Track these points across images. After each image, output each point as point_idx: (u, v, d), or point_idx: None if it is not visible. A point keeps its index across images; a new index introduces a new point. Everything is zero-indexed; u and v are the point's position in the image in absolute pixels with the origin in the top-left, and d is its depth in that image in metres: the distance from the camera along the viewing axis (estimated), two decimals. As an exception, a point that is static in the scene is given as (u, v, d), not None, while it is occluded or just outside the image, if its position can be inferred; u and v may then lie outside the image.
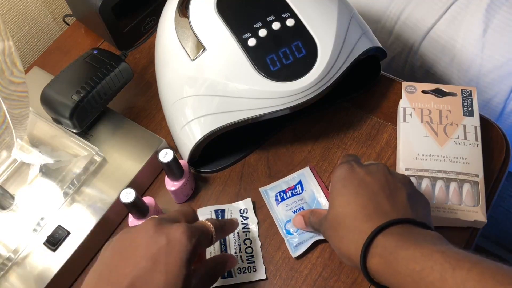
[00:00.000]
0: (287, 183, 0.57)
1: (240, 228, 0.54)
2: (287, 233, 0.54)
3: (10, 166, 0.58)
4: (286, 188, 0.56)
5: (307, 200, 0.55)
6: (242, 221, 0.55)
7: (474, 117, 0.56)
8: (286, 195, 0.55)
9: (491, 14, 0.70)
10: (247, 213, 0.56)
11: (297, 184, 0.56)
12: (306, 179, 0.56)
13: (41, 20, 0.79)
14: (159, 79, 0.59)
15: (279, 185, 0.57)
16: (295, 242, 0.53)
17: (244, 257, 0.53)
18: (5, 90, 0.48)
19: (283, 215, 0.54)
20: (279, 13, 0.53)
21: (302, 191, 0.56)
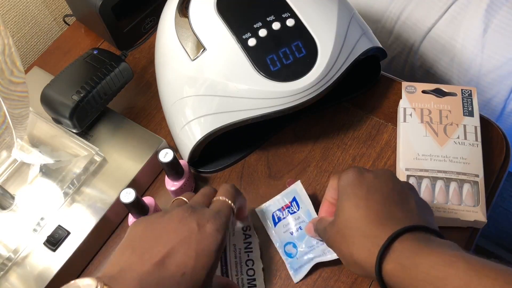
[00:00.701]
0: (283, 199, 0.55)
1: (242, 248, 0.53)
2: (287, 256, 0.52)
3: (10, 166, 0.58)
4: (282, 206, 0.55)
5: (304, 219, 0.53)
6: (245, 240, 0.54)
7: (474, 117, 0.56)
8: (282, 214, 0.54)
9: (491, 14, 0.70)
10: (250, 231, 0.54)
11: (292, 201, 0.54)
12: (299, 196, 0.55)
13: (41, 20, 0.79)
14: (159, 79, 0.59)
15: (276, 202, 0.55)
16: (295, 266, 0.52)
17: (245, 280, 0.52)
18: (5, 90, 0.48)
19: (280, 237, 0.53)
20: (279, 13, 0.53)
21: (298, 209, 0.54)
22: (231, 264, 0.52)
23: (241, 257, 0.53)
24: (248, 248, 0.53)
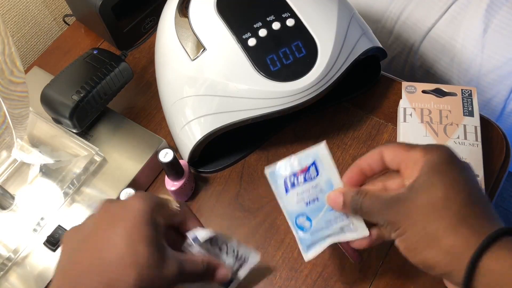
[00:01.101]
0: (299, 162, 0.45)
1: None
2: (298, 228, 0.45)
3: (10, 166, 0.58)
4: (298, 170, 0.45)
5: (323, 188, 0.45)
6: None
7: (474, 117, 0.56)
8: (297, 180, 0.45)
9: (491, 14, 0.70)
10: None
11: (312, 165, 0.45)
12: (321, 161, 0.45)
13: (41, 20, 0.79)
14: (159, 79, 0.59)
15: (290, 164, 0.45)
16: (306, 242, 0.44)
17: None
18: (5, 90, 0.48)
19: (294, 207, 0.45)
20: (279, 13, 0.53)
21: (317, 175, 0.45)
22: None
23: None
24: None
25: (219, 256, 0.46)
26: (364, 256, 0.53)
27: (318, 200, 0.44)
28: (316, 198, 0.45)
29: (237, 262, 0.47)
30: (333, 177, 0.44)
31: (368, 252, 0.53)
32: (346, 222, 0.44)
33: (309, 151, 0.45)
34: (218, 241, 0.46)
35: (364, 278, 0.52)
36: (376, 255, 0.53)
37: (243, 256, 0.47)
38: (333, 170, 0.45)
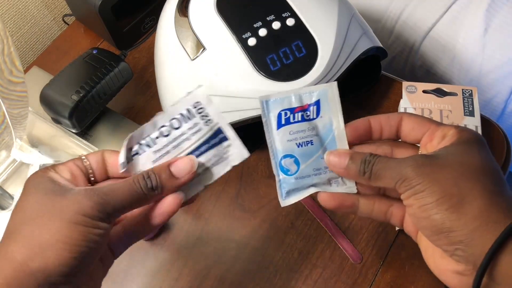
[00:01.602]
0: (300, 98, 0.40)
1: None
2: (281, 171, 0.39)
3: (10, 166, 0.58)
4: (296, 107, 0.40)
5: (320, 131, 0.40)
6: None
7: (475, 117, 0.56)
8: (293, 117, 0.39)
9: (491, 14, 0.70)
10: (203, 109, 0.38)
11: (313, 104, 0.40)
12: (326, 101, 0.40)
13: (41, 20, 0.79)
14: (158, 79, 0.59)
15: (288, 99, 0.40)
16: (288, 186, 0.39)
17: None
18: (4, 89, 0.48)
19: (281, 145, 0.39)
20: (279, 13, 0.53)
21: (317, 116, 0.40)
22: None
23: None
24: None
25: (178, 140, 0.37)
26: (365, 256, 0.53)
27: (312, 144, 0.39)
28: (310, 141, 0.40)
29: (197, 118, 0.38)
30: (335, 123, 0.40)
31: (368, 253, 0.53)
32: (334, 174, 0.39)
33: (315, 88, 0.40)
34: (152, 136, 0.37)
35: (364, 278, 0.51)
36: (376, 256, 0.53)
37: (192, 107, 0.38)
38: (338, 115, 0.40)
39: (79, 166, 0.36)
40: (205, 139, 0.37)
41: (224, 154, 0.38)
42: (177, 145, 0.37)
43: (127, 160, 0.36)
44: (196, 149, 0.37)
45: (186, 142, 0.37)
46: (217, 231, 0.56)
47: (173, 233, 0.57)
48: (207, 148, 0.37)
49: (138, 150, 0.37)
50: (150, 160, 0.37)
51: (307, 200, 0.56)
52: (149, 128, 0.37)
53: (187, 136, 0.37)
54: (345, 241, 0.54)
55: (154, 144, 0.37)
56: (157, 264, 0.55)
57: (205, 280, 0.53)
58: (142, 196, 0.34)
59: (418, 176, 0.32)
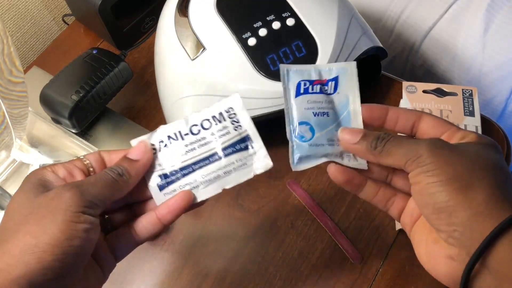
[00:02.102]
0: (319, 73, 0.41)
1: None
2: (297, 138, 0.40)
3: (9, 166, 0.58)
4: (315, 80, 0.40)
5: (336, 106, 0.40)
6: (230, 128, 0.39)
7: (475, 117, 0.56)
8: (312, 87, 0.40)
9: (492, 13, 0.70)
10: (235, 115, 0.39)
11: (332, 80, 0.41)
12: (345, 79, 0.41)
13: (40, 20, 0.79)
14: (158, 79, 0.59)
15: (308, 72, 0.41)
16: (301, 152, 0.39)
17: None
18: (4, 89, 0.48)
19: (298, 112, 0.40)
20: (279, 13, 0.53)
21: (334, 91, 0.40)
22: None
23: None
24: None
25: (205, 139, 0.38)
26: (365, 256, 0.53)
27: (328, 116, 0.40)
28: (326, 113, 0.40)
29: (226, 121, 0.39)
30: (351, 100, 0.40)
31: (368, 253, 0.53)
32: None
33: (335, 65, 0.41)
34: (182, 132, 0.38)
35: (365, 278, 0.51)
36: (376, 256, 0.53)
37: (224, 110, 0.39)
38: (355, 93, 0.40)
39: (77, 165, 0.36)
40: (231, 143, 0.38)
41: (248, 161, 0.38)
42: (203, 144, 0.38)
43: (155, 150, 0.38)
44: (222, 149, 0.38)
45: (213, 142, 0.38)
46: (217, 231, 0.56)
47: (173, 233, 0.57)
48: (232, 152, 0.38)
49: (166, 143, 0.38)
50: (177, 153, 0.38)
51: (307, 200, 0.56)
52: (181, 124, 0.38)
53: (215, 137, 0.38)
54: (345, 241, 0.54)
55: (182, 139, 0.38)
56: (157, 264, 0.55)
57: (205, 280, 0.53)
58: (114, 183, 0.34)
59: (432, 156, 0.32)
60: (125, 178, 0.35)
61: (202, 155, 0.38)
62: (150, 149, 0.37)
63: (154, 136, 0.38)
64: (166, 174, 0.37)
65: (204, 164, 0.38)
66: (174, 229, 0.57)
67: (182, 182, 0.37)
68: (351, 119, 0.40)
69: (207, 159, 0.38)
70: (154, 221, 0.36)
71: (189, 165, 0.38)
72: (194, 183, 0.37)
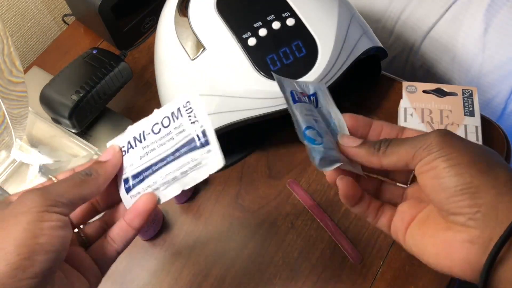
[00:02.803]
0: (301, 87, 0.41)
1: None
2: (309, 141, 0.37)
3: (9, 166, 0.58)
4: (301, 92, 0.41)
5: (325, 118, 0.40)
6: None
7: (475, 117, 0.56)
8: (302, 98, 0.40)
9: (491, 14, 0.70)
10: (191, 109, 0.37)
11: (312, 95, 0.41)
12: (322, 96, 0.42)
13: (41, 20, 0.79)
14: (158, 79, 0.59)
15: (293, 85, 0.41)
16: (320, 155, 0.36)
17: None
18: (4, 89, 0.48)
19: (303, 118, 0.39)
20: (279, 13, 0.53)
21: (316, 106, 0.41)
22: None
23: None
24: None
25: (164, 138, 0.37)
26: (365, 257, 0.53)
27: (322, 124, 0.39)
28: (320, 121, 0.39)
29: (184, 119, 0.37)
30: (333, 114, 0.40)
31: (368, 253, 0.53)
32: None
33: (310, 83, 0.42)
34: (145, 132, 0.38)
35: (365, 279, 0.51)
36: (376, 256, 0.53)
37: (183, 107, 0.38)
38: (334, 108, 0.41)
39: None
40: (186, 141, 0.36)
41: (203, 160, 0.36)
42: (162, 144, 0.37)
43: (124, 153, 0.38)
44: (177, 150, 0.36)
45: (171, 141, 0.37)
46: (217, 231, 0.56)
47: (173, 233, 0.57)
48: (188, 150, 0.36)
49: (132, 144, 0.38)
50: (138, 155, 0.37)
51: (307, 200, 0.56)
52: (145, 123, 0.38)
53: (172, 136, 0.37)
54: (345, 241, 0.54)
55: (144, 140, 0.38)
56: (157, 264, 0.55)
57: (205, 280, 0.53)
58: (82, 182, 0.34)
59: (444, 142, 0.32)
60: (93, 176, 0.35)
61: (160, 155, 0.37)
62: (118, 150, 0.38)
63: (122, 138, 0.38)
64: (130, 176, 0.37)
65: (162, 165, 0.36)
66: (174, 229, 0.57)
67: (144, 185, 0.36)
68: (338, 130, 0.40)
69: (164, 160, 0.36)
70: (125, 227, 0.36)
71: (149, 167, 0.37)
72: (155, 185, 0.36)
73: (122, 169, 0.38)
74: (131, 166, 0.37)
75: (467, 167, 0.31)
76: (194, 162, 0.36)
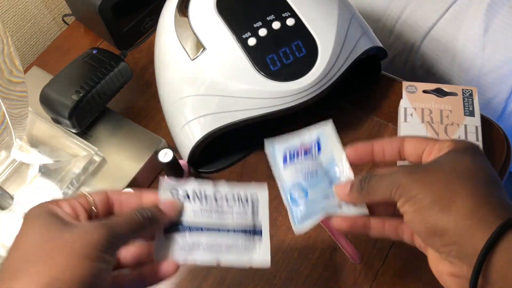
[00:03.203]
0: (302, 141, 0.44)
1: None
2: (291, 201, 0.41)
3: (9, 166, 0.58)
4: (299, 147, 0.43)
5: (324, 165, 0.42)
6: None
7: (475, 117, 0.56)
8: (298, 156, 0.43)
9: (491, 13, 0.70)
10: (258, 206, 0.43)
11: (315, 143, 0.44)
12: (325, 137, 0.44)
13: (40, 20, 0.79)
14: (158, 79, 0.59)
15: (292, 141, 0.44)
16: (299, 213, 0.41)
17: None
18: (4, 90, 0.48)
19: (289, 178, 0.42)
20: (279, 13, 0.53)
21: (319, 152, 0.43)
22: None
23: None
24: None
25: (223, 211, 0.41)
26: (365, 257, 0.53)
27: (317, 174, 0.42)
28: (315, 171, 0.42)
29: (248, 207, 0.42)
30: (336, 155, 0.42)
31: (368, 253, 0.53)
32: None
33: (314, 127, 0.44)
34: (207, 193, 0.41)
35: (365, 279, 0.51)
36: (376, 256, 0.53)
37: (250, 197, 0.43)
38: (338, 147, 0.43)
39: (81, 202, 0.36)
40: (244, 227, 0.40)
41: (250, 249, 0.40)
42: (220, 214, 0.40)
43: (172, 194, 0.40)
44: (233, 228, 0.40)
45: (229, 218, 0.41)
46: (217, 231, 0.56)
47: (173, 233, 0.57)
48: (241, 234, 0.40)
49: (190, 196, 0.41)
50: (195, 211, 0.40)
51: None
52: (208, 186, 0.41)
53: (233, 215, 0.41)
54: (345, 241, 0.54)
55: (203, 200, 0.41)
56: (157, 264, 0.55)
57: (205, 280, 0.53)
58: (141, 226, 0.35)
59: (410, 183, 0.34)
60: (154, 225, 0.37)
61: (215, 223, 0.40)
62: (181, 209, 0.39)
63: (183, 187, 0.41)
64: (177, 225, 0.39)
65: (213, 231, 0.39)
66: (174, 229, 0.57)
67: (187, 237, 0.39)
68: (341, 172, 0.42)
69: (217, 229, 0.40)
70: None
71: (199, 226, 0.39)
72: (197, 242, 0.39)
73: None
74: (181, 215, 0.40)
75: (430, 210, 0.32)
76: (243, 246, 0.40)
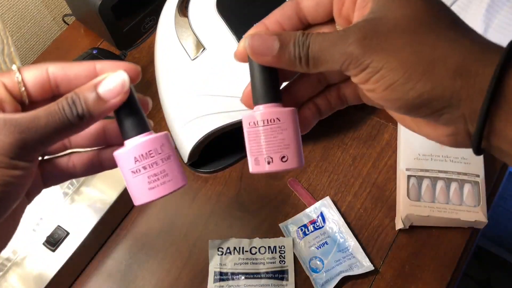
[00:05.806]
0: (308, 216, 0.55)
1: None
2: (312, 271, 0.51)
3: (9, 166, 0.58)
4: (307, 222, 0.54)
5: (330, 234, 0.53)
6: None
7: (475, 117, 0.56)
8: (308, 229, 0.54)
9: (491, 14, 0.70)
10: (284, 252, 0.54)
11: (319, 216, 0.54)
12: (327, 209, 0.55)
13: (41, 20, 0.79)
14: (158, 78, 0.59)
15: (300, 219, 0.55)
16: (321, 281, 0.50)
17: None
18: (4, 89, 0.48)
19: (306, 252, 0.52)
20: (279, 13, 0.53)
21: (324, 224, 0.54)
22: None
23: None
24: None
25: (256, 260, 0.53)
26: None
27: (327, 244, 0.53)
28: (325, 242, 0.53)
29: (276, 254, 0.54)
30: (339, 223, 0.54)
31: (368, 253, 0.53)
32: (353, 260, 0.51)
33: (317, 204, 0.55)
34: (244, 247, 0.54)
35: (365, 279, 0.51)
36: (376, 255, 0.53)
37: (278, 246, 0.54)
38: (337, 217, 0.54)
39: (5, 83, 0.27)
40: (273, 270, 0.52)
41: None
42: (254, 263, 0.52)
43: (221, 252, 0.54)
44: (265, 272, 0.52)
45: (262, 265, 0.52)
46: (218, 231, 0.56)
47: (173, 233, 0.57)
48: (272, 277, 0.51)
49: (231, 250, 0.54)
50: (235, 262, 0.53)
51: (308, 199, 0.56)
52: (245, 242, 0.54)
53: (264, 262, 0.52)
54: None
55: (242, 253, 0.53)
56: (156, 264, 0.55)
57: (205, 280, 0.53)
58: (67, 126, 0.26)
59: (367, 53, 0.26)
60: (85, 121, 0.27)
61: (250, 270, 0.52)
62: (128, 89, 0.29)
63: (226, 244, 0.54)
64: (222, 273, 0.52)
65: (250, 276, 0.51)
66: (174, 229, 0.57)
67: (230, 282, 0.52)
68: (346, 239, 0.53)
69: (252, 274, 0.52)
70: (95, 163, 0.31)
71: (239, 273, 0.52)
72: (238, 286, 0.51)
73: (217, 262, 0.54)
74: (225, 265, 0.52)
75: (407, 83, 0.25)
76: (273, 287, 0.51)
